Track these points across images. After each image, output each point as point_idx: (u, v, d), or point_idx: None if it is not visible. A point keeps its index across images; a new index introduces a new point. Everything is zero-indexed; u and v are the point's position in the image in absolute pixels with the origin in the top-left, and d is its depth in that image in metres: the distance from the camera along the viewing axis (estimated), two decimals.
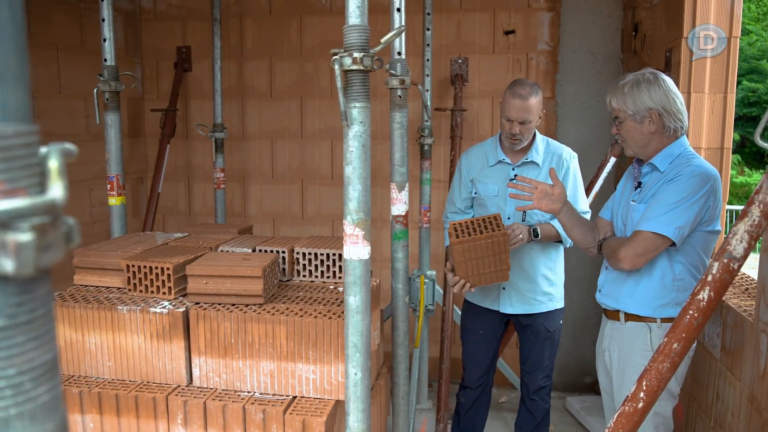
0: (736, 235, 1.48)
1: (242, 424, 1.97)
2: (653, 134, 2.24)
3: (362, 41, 1.67)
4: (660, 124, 2.22)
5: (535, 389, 2.99)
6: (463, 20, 4.12)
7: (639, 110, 2.22)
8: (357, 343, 1.77)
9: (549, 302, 2.91)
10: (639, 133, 2.25)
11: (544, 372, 2.98)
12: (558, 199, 2.33)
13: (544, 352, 2.96)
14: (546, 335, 2.93)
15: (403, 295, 2.62)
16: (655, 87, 2.20)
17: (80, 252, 2.40)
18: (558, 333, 2.99)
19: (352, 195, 1.71)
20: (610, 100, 2.29)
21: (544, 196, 2.32)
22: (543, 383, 2.99)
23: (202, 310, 2.08)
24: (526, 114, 2.68)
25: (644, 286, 2.25)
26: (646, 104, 2.20)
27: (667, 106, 2.20)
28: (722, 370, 2.55)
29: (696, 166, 2.16)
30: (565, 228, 2.42)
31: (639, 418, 1.54)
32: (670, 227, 2.10)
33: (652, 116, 2.21)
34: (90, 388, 2.10)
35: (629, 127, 2.26)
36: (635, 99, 2.21)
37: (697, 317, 1.51)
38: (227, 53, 4.32)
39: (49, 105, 3.59)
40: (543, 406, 3.01)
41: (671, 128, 2.23)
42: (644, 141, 2.26)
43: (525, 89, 2.68)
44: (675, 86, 2.25)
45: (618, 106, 2.26)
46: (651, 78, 2.22)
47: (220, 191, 4.18)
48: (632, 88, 2.22)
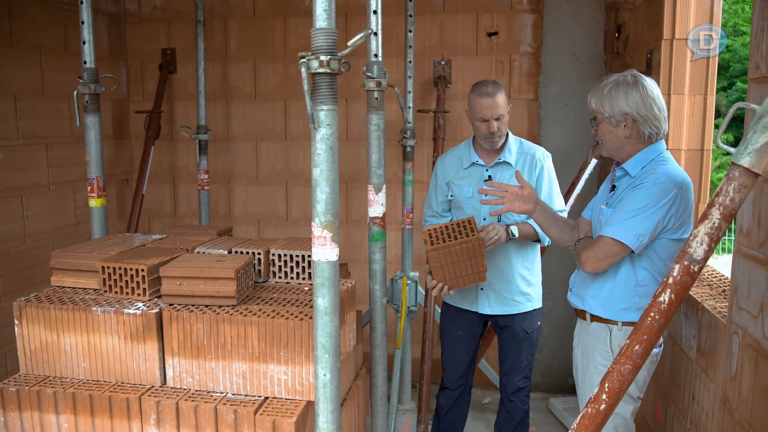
0: (696, 238, 1.49)
1: (214, 425, 1.97)
2: (627, 139, 2.24)
3: (329, 44, 1.68)
4: (635, 129, 2.22)
5: (513, 390, 3.00)
6: (446, 22, 4.14)
7: (614, 114, 2.22)
8: (326, 344, 1.77)
9: (527, 302, 2.92)
10: (614, 136, 2.26)
11: (522, 373, 2.99)
12: (529, 200, 2.34)
13: (522, 353, 2.97)
14: (523, 336, 2.94)
15: (381, 296, 2.63)
16: (632, 91, 2.19)
17: (57, 254, 2.40)
18: (536, 334, 3.00)
19: (319, 197, 1.72)
20: (590, 99, 2.30)
21: (515, 198, 2.34)
22: (521, 384, 3.00)
23: (176, 312, 2.09)
24: (497, 110, 2.73)
25: (608, 288, 2.27)
26: (622, 108, 2.20)
27: (643, 112, 2.19)
28: (698, 372, 2.57)
29: (661, 174, 2.15)
30: (542, 227, 2.44)
31: (601, 419, 1.55)
32: (629, 234, 2.11)
33: (627, 121, 2.21)
34: (65, 388, 2.10)
35: (605, 129, 2.27)
36: (612, 102, 2.21)
37: (658, 319, 1.52)
38: (211, 55, 4.32)
39: (32, 107, 3.59)
40: (521, 407, 3.02)
41: (646, 134, 2.22)
42: (618, 144, 2.26)
43: (489, 87, 2.74)
44: (657, 90, 2.23)
45: (596, 107, 2.27)
46: (630, 81, 2.21)
47: (204, 193, 4.18)
48: (611, 91, 2.22)
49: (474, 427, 3.88)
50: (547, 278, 4.26)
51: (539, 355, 4.37)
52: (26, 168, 3.57)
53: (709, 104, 3.17)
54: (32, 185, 3.61)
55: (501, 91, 2.76)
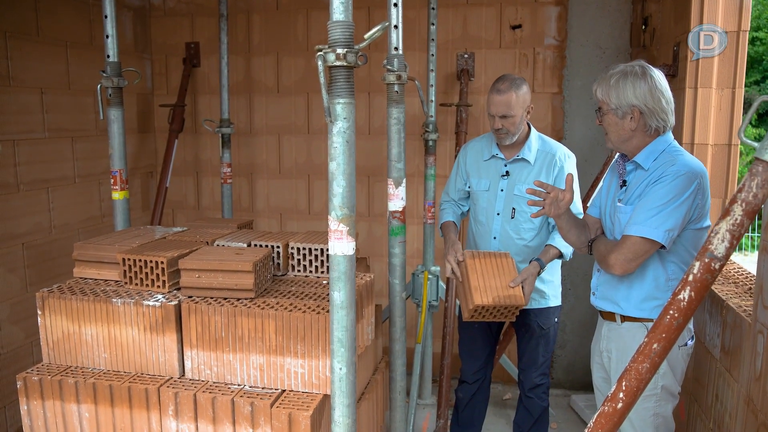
0: (717, 234, 1.46)
1: (231, 417, 1.99)
2: (634, 131, 2.18)
3: (346, 37, 1.67)
4: (641, 122, 2.16)
5: (530, 387, 2.97)
6: (470, 15, 4.10)
7: (621, 105, 2.15)
8: (342, 338, 1.78)
9: (541, 300, 2.89)
10: (619, 129, 2.20)
11: (539, 370, 2.96)
12: (565, 206, 2.26)
13: (539, 350, 2.94)
14: (540, 333, 2.92)
15: (400, 290, 2.63)
16: (641, 82, 2.12)
17: (79, 245, 2.44)
18: (553, 330, 2.97)
19: (336, 191, 1.72)
20: (596, 89, 2.23)
21: (553, 202, 2.25)
22: (539, 381, 2.97)
23: (194, 304, 2.11)
24: (505, 108, 2.69)
25: (637, 288, 2.22)
26: (630, 100, 2.14)
27: (650, 105, 2.13)
28: (721, 371, 2.52)
29: (681, 165, 2.10)
30: (562, 231, 2.37)
31: (618, 418, 1.53)
32: (659, 230, 2.06)
33: (633, 113, 2.15)
34: (86, 378, 2.13)
35: (610, 120, 2.21)
36: (619, 93, 2.14)
37: (677, 317, 1.49)
38: (234, 49, 4.34)
39: (58, 100, 3.64)
40: (540, 404, 2.99)
41: (653, 127, 2.17)
42: (624, 137, 2.21)
43: (504, 84, 2.70)
44: (665, 83, 2.17)
45: (602, 97, 2.20)
46: (639, 72, 2.14)
47: (227, 186, 4.21)
48: (618, 81, 2.15)
49: (494, 423, 3.86)
50: (570, 274, 4.22)
51: (561, 352, 4.33)
52: (52, 161, 3.62)
53: (738, 98, 3.10)
54: (58, 178, 3.67)
55: (516, 90, 2.68)
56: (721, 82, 3.08)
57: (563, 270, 4.22)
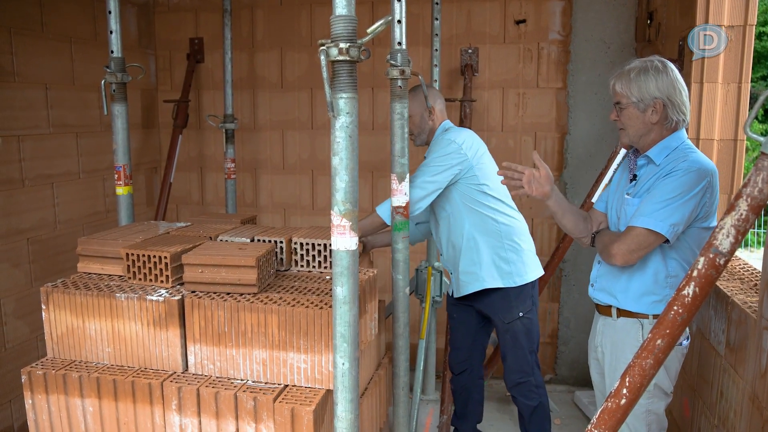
0: (722, 230, 1.45)
1: (234, 411, 1.99)
2: (654, 125, 2.19)
3: (349, 32, 1.66)
4: (663, 114, 2.17)
5: (510, 385, 2.94)
6: (474, 9, 4.09)
7: (644, 98, 2.16)
8: (344, 333, 1.78)
9: (475, 282, 2.87)
10: (640, 122, 2.20)
11: (514, 367, 2.90)
12: (546, 182, 2.23)
13: (506, 346, 2.91)
14: (504, 328, 2.88)
15: (403, 286, 2.62)
16: (663, 76, 2.14)
17: (83, 241, 2.44)
18: (521, 326, 2.88)
19: (339, 186, 1.72)
20: (614, 84, 2.23)
21: (531, 180, 2.23)
22: (518, 379, 2.91)
23: (197, 299, 2.11)
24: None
25: (637, 281, 2.21)
26: (652, 93, 2.15)
27: (673, 97, 2.15)
28: (726, 368, 2.51)
29: (693, 162, 2.10)
30: (556, 215, 2.34)
31: (622, 414, 1.52)
32: (664, 224, 2.05)
33: (656, 106, 2.16)
34: (89, 372, 2.14)
35: (630, 114, 2.21)
36: (641, 86, 2.15)
37: (681, 313, 1.48)
38: (238, 44, 4.34)
39: (62, 96, 3.65)
40: (525, 403, 2.93)
41: (673, 120, 2.17)
42: (644, 130, 2.21)
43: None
44: (681, 78, 2.19)
45: (622, 91, 2.20)
46: (660, 66, 2.16)
47: (231, 181, 4.21)
48: (639, 75, 2.16)
49: (499, 419, 3.86)
50: (574, 270, 4.21)
51: (565, 348, 4.33)
52: (57, 156, 3.63)
53: (744, 93, 3.08)
54: (62, 173, 3.68)
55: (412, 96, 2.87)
56: (727, 77, 3.06)
57: (566, 266, 4.22)
